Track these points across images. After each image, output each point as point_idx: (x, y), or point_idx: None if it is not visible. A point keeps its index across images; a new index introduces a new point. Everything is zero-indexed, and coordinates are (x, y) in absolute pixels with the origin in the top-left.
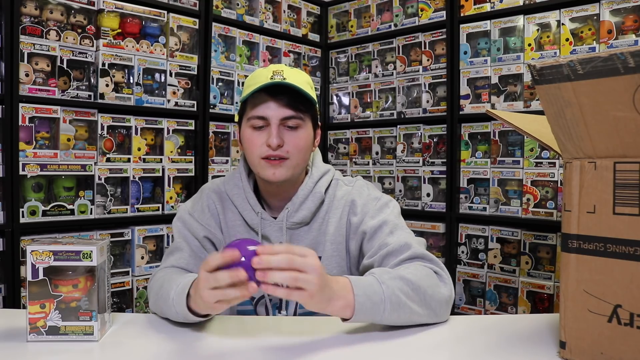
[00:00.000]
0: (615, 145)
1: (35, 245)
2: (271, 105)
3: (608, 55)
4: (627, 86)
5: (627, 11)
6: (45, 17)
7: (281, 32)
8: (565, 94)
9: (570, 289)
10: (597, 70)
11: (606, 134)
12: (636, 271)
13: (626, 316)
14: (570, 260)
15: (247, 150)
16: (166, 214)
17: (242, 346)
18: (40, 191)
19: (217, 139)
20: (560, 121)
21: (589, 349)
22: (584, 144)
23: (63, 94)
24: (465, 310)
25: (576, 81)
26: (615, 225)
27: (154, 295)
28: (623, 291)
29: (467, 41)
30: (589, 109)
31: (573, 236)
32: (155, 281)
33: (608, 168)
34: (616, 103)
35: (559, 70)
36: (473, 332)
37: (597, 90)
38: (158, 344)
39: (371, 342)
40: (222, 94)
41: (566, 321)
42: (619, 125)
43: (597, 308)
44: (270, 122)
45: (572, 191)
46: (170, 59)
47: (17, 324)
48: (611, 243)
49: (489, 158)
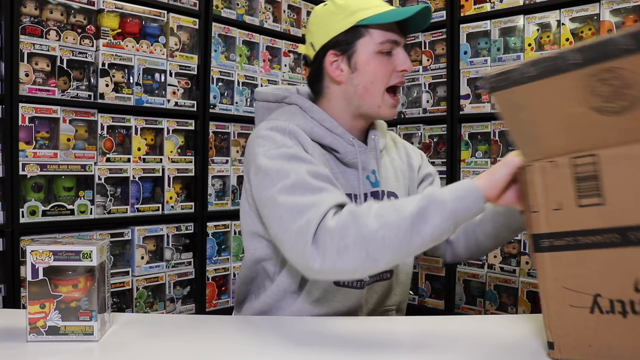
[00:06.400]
0: (570, 141)
1: (35, 245)
2: (396, 30)
3: (555, 55)
4: (576, 82)
5: (627, 11)
6: (45, 17)
7: (281, 32)
8: (518, 98)
9: (549, 288)
10: (546, 71)
11: (562, 132)
12: (608, 258)
13: (606, 304)
14: (545, 260)
15: (374, 79)
16: (166, 214)
17: (242, 346)
18: (40, 191)
19: (217, 139)
20: (516, 126)
21: (577, 343)
22: (542, 145)
23: (63, 94)
24: (465, 310)
25: (527, 84)
26: (582, 217)
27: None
28: (599, 280)
29: (467, 41)
30: (542, 109)
31: (544, 235)
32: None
33: (567, 164)
34: (567, 100)
35: (510, 76)
36: (473, 332)
37: (548, 90)
38: (158, 344)
39: (371, 342)
40: (222, 94)
41: (550, 320)
42: (572, 121)
43: (578, 301)
44: (399, 46)
45: (537, 192)
46: (170, 59)
47: (17, 324)
48: (581, 235)
49: (489, 158)
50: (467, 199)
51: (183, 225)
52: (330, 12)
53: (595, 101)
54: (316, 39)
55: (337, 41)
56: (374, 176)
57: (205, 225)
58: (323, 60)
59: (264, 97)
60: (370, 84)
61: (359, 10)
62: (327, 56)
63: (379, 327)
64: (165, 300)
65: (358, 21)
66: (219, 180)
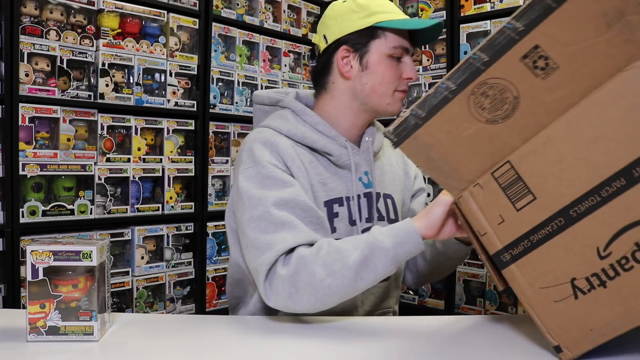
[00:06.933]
0: (482, 159)
1: (35, 245)
2: (408, 38)
3: (433, 90)
4: (461, 105)
5: None
6: (45, 17)
7: (281, 32)
8: (422, 140)
9: (529, 295)
10: (433, 107)
11: (471, 154)
12: (564, 242)
13: (584, 284)
14: (513, 272)
15: (383, 80)
16: (166, 214)
17: (242, 346)
18: (40, 191)
19: (217, 139)
20: (432, 165)
21: (579, 335)
22: (461, 174)
23: (63, 94)
24: (465, 310)
25: (424, 124)
26: (525, 218)
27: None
28: (567, 265)
29: (467, 41)
30: (446, 141)
31: (501, 251)
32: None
33: (490, 181)
34: (462, 123)
35: (407, 125)
36: (473, 332)
37: (442, 123)
38: (158, 344)
39: (371, 342)
40: (222, 94)
41: (545, 325)
42: (474, 141)
43: (559, 294)
44: (408, 54)
45: (477, 216)
46: (170, 59)
47: (17, 324)
48: (532, 234)
49: None
50: (407, 244)
51: (183, 225)
52: (349, 9)
53: (484, 115)
54: (331, 32)
55: (351, 38)
56: (367, 177)
57: (205, 225)
58: (334, 54)
59: (261, 100)
60: (378, 85)
61: (379, 12)
62: (339, 51)
63: (378, 327)
64: (165, 300)
65: (376, 22)
66: (219, 180)
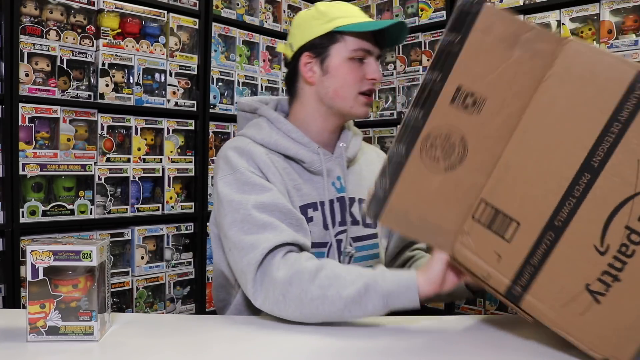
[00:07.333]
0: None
1: (35, 245)
2: (371, 40)
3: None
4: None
5: (627, 11)
6: (45, 17)
7: (281, 32)
8: (397, 207)
9: (555, 317)
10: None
11: (446, 206)
12: (563, 252)
13: (598, 286)
14: (530, 301)
15: (344, 83)
16: (166, 214)
17: (242, 346)
18: (40, 191)
19: (217, 139)
20: (415, 229)
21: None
22: (444, 228)
23: (63, 94)
24: (465, 310)
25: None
26: (518, 245)
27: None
28: (575, 273)
29: None
30: (417, 202)
31: (511, 285)
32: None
33: (474, 224)
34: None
35: (377, 199)
36: (473, 332)
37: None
38: (158, 344)
39: (369, 341)
40: (222, 94)
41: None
42: (443, 191)
43: (582, 305)
44: (372, 55)
45: (476, 262)
46: (170, 59)
47: (17, 324)
48: (531, 257)
49: None
50: (402, 297)
51: (183, 225)
52: (311, 17)
53: (441, 165)
54: (295, 40)
55: (313, 44)
56: (339, 182)
57: (205, 225)
58: (299, 60)
59: (242, 107)
60: (340, 88)
61: (338, 17)
62: (302, 57)
63: (377, 327)
64: (165, 300)
65: (335, 27)
66: None
